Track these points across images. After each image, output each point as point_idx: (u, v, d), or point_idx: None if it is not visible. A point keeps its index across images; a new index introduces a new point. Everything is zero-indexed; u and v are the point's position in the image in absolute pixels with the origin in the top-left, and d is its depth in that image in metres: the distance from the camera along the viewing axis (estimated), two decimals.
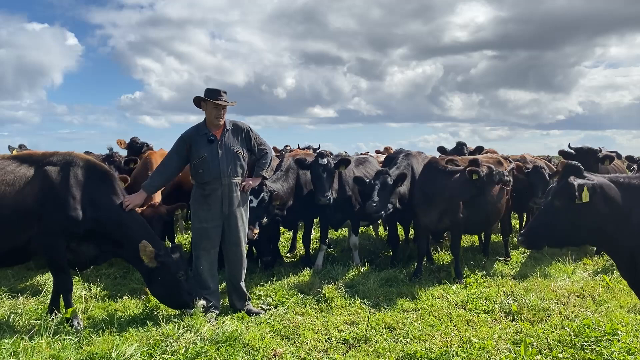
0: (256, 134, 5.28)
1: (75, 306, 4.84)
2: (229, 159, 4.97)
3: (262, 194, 5.85)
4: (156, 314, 4.82)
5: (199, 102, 5.07)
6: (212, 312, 4.88)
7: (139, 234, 4.69)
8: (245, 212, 5.19)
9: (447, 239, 7.95)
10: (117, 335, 4.19)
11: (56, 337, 4.10)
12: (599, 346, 4.13)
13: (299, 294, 5.62)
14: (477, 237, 8.63)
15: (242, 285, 5.18)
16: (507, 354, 4.05)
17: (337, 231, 9.25)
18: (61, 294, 4.77)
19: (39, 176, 4.52)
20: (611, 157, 7.91)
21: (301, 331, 4.55)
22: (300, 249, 8.14)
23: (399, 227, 8.07)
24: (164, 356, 3.87)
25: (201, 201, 5.00)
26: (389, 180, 6.54)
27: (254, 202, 5.77)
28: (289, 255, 8.05)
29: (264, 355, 4.02)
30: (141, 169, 7.73)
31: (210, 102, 4.94)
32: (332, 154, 8.00)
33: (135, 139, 9.42)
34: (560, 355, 4.03)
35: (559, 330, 4.55)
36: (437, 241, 8.31)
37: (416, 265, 6.67)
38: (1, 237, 4.38)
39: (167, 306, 4.86)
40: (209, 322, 4.50)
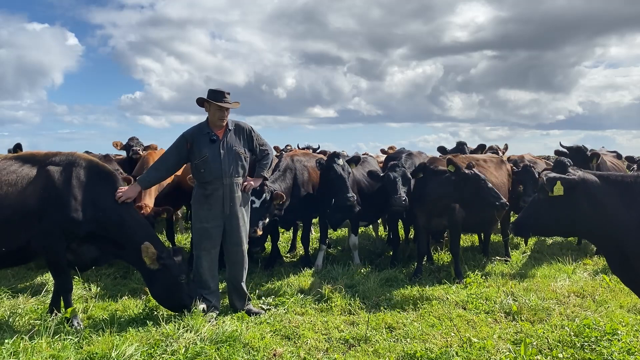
0: (258, 134, 5.28)
1: (75, 306, 4.84)
2: (231, 159, 4.97)
3: (264, 194, 5.84)
4: (156, 314, 4.82)
5: (202, 102, 5.07)
6: (212, 312, 4.88)
7: (141, 235, 4.67)
8: (246, 213, 5.18)
9: (447, 239, 7.94)
10: (117, 335, 4.18)
11: (56, 337, 4.10)
12: (599, 346, 4.12)
13: (299, 294, 5.62)
14: (477, 237, 8.63)
15: (243, 285, 5.18)
16: (507, 354, 4.05)
17: (336, 231, 9.25)
18: (61, 294, 4.77)
19: (41, 176, 4.51)
20: (598, 155, 8.15)
21: (301, 331, 4.54)
22: (300, 249, 8.13)
23: (398, 227, 8.07)
24: (164, 356, 3.87)
25: (202, 201, 5.00)
26: (408, 173, 6.59)
27: (257, 202, 5.75)
28: (289, 255, 8.05)
29: (264, 355, 4.02)
30: (140, 169, 7.73)
31: (214, 104, 4.94)
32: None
33: (131, 141, 9.39)
34: (560, 355, 4.02)
35: (559, 330, 4.55)
36: (437, 241, 8.31)
37: (416, 265, 6.67)
38: (4, 237, 4.37)
39: (167, 309, 4.85)
40: (209, 322, 4.50)
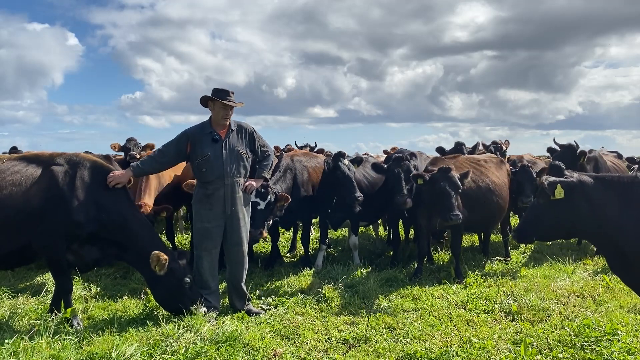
0: (259, 135, 5.29)
1: (74, 306, 4.84)
2: (233, 159, 4.98)
3: (269, 196, 5.83)
4: (156, 314, 4.82)
5: (206, 102, 5.08)
6: (212, 312, 4.88)
7: (144, 238, 4.66)
8: (247, 213, 5.18)
9: (447, 239, 7.95)
10: (117, 335, 4.18)
11: (56, 337, 4.10)
12: (599, 346, 4.12)
13: (299, 294, 5.62)
14: (477, 237, 8.63)
15: (243, 285, 5.18)
16: (507, 354, 4.05)
17: (336, 231, 9.25)
18: (60, 295, 4.76)
19: (45, 177, 4.51)
20: (585, 153, 8.30)
21: (301, 331, 4.55)
22: (300, 249, 8.13)
23: (399, 227, 8.06)
24: (164, 356, 3.87)
25: (204, 201, 5.00)
26: (412, 168, 6.64)
27: (262, 204, 5.75)
28: (289, 255, 8.05)
29: (264, 355, 4.02)
30: None
31: (218, 102, 4.94)
32: (331, 153, 8.01)
33: (128, 143, 9.38)
34: (560, 355, 4.03)
35: (559, 330, 4.55)
36: (438, 241, 8.31)
37: (416, 265, 6.67)
38: (8, 237, 4.37)
39: (169, 311, 4.81)
40: (209, 322, 4.50)
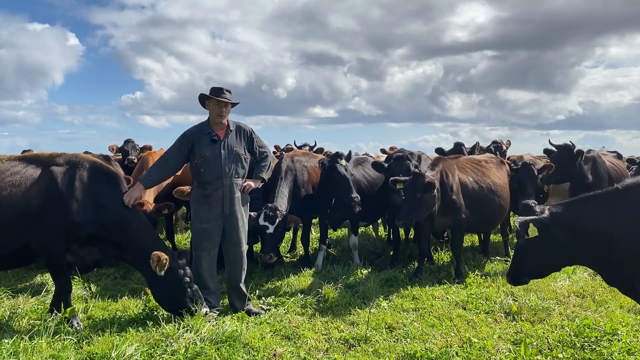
0: (258, 136, 5.29)
1: (74, 306, 4.83)
2: (231, 160, 4.98)
3: (277, 220, 5.83)
4: (156, 314, 4.82)
5: (204, 102, 5.09)
6: (212, 312, 4.88)
7: (144, 238, 4.65)
8: (245, 213, 5.19)
9: (447, 239, 7.94)
10: (117, 335, 4.19)
11: (56, 337, 4.10)
12: (599, 346, 4.13)
13: (299, 294, 5.62)
14: (477, 237, 8.63)
15: (242, 285, 5.18)
16: (507, 354, 4.05)
17: (336, 231, 9.25)
18: (60, 295, 4.76)
19: (44, 177, 4.50)
20: (581, 152, 8.21)
21: (301, 331, 4.55)
22: (300, 249, 8.13)
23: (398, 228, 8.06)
24: (164, 356, 3.87)
25: (202, 201, 5.00)
26: (412, 167, 6.66)
27: (270, 228, 5.78)
28: (289, 255, 8.06)
29: (264, 355, 4.02)
30: (139, 169, 7.74)
31: (213, 99, 4.95)
32: (331, 153, 8.00)
33: (126, 145, 9.36)
34: (560, 355, 4.03)
35: (559, 330, 4.55)
36: (438, 240, 8.32)
37: (417, 265, 6.67)
38: (7, 237, 4.36)
39: (169, 312, 4.80)
40: (209, 322, 4.50)
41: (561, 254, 3.77)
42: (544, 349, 4.18)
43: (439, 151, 9.81)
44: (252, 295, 5.49)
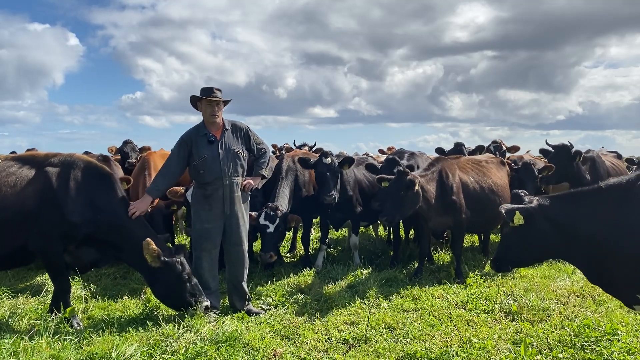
0: (254, 133, 5.29)
1: (74, 306, 4.83)
2: (230, 159, 4.98)
3: (277, 219, 5.85)
4: (156, 314, 4.81)
5: (196, 104, 5.09)
6: (212, 312, 4.88)
7: (141, 237, 4.63)
8: (245, 211, 5.19)
9: (447, 239, 7.94)
10: (117, 335, 4.18)
11: (56, 337, 4.10)
12: (599, 346, 4.13)
13: (299, 294, 5.62)
14: (477, 237, 8.63)
15: (244, 285, 5.18)
16: (507, 354, 4.05)
17: (337, 231, 9.26)
18: (58, 296, 4.75)
19: (39, 178, 4.50)
20: (579, 152, 8.20)
21: (301, 331, 4.55)
22: (300, 249, 8.14)
23: (399, 227, 8.06)
24: (164, 356, 3.87)
25: (202, 202, 5.00)
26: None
27: (271, 227, 5.80)
28: (289, 255, 8.05)
29: (264, 355, 4.02)
30: (139, 170, 7.74)
31: (204, 99, 4.95)
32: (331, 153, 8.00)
33: (125, 146, 9.36)
34: (560, 355, 4.03)
35: (559, 330, 4.55)
36: (438, 240, 8.31)
37: (417, 265, 6.67)
38: (3, 238, 4.36)
39: (170, 307, 4.83)
40: (209, 322, 4.50)
41: (544, 245, 3.80)
42: (544, 349, 4.18)
43: (439, 151, 9.81)
44: (252, 295, 5.49)
